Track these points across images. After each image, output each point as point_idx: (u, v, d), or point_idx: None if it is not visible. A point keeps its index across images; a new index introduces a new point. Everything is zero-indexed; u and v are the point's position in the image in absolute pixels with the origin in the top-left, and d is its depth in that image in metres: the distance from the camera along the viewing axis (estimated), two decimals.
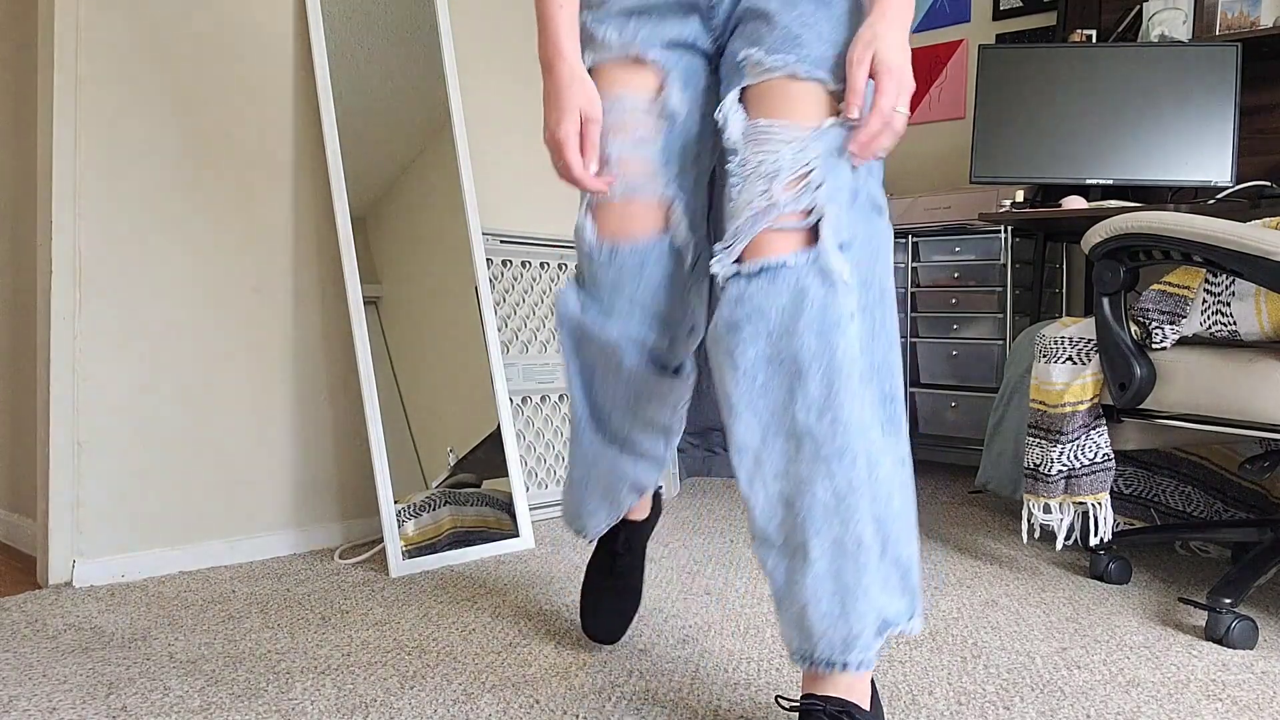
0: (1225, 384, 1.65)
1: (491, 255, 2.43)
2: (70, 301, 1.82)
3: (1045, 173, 2.88)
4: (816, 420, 1.04)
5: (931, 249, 3.15)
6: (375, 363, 2.03)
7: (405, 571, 1.93)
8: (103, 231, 1.85)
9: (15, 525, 2.14)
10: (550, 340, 2.55)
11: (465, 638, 1.56)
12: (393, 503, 1.97)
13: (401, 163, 2.19)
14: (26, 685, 1.34)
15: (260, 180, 2.07)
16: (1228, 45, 2.73)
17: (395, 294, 2.12)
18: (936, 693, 1.36)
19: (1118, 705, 1.32)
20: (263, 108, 2.07)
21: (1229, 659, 1.51)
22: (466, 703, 1.30)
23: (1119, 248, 1.73)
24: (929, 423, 3.15)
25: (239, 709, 1.27)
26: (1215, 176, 2.75)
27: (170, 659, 1.45)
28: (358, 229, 2.08)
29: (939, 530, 2.39)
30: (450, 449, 2.13)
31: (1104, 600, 1.82)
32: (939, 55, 3.64)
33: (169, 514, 1.94)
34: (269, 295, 2.08)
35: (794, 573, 1.07)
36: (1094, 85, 2.84)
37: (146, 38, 1.90)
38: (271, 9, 2.08)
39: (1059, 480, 1.88)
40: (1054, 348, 1.93)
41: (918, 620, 1.15)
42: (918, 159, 3.71)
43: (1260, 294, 1.65)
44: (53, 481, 1.81)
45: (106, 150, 1.86)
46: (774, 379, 1.05)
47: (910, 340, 3.20)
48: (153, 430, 1.92)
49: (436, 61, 2.29)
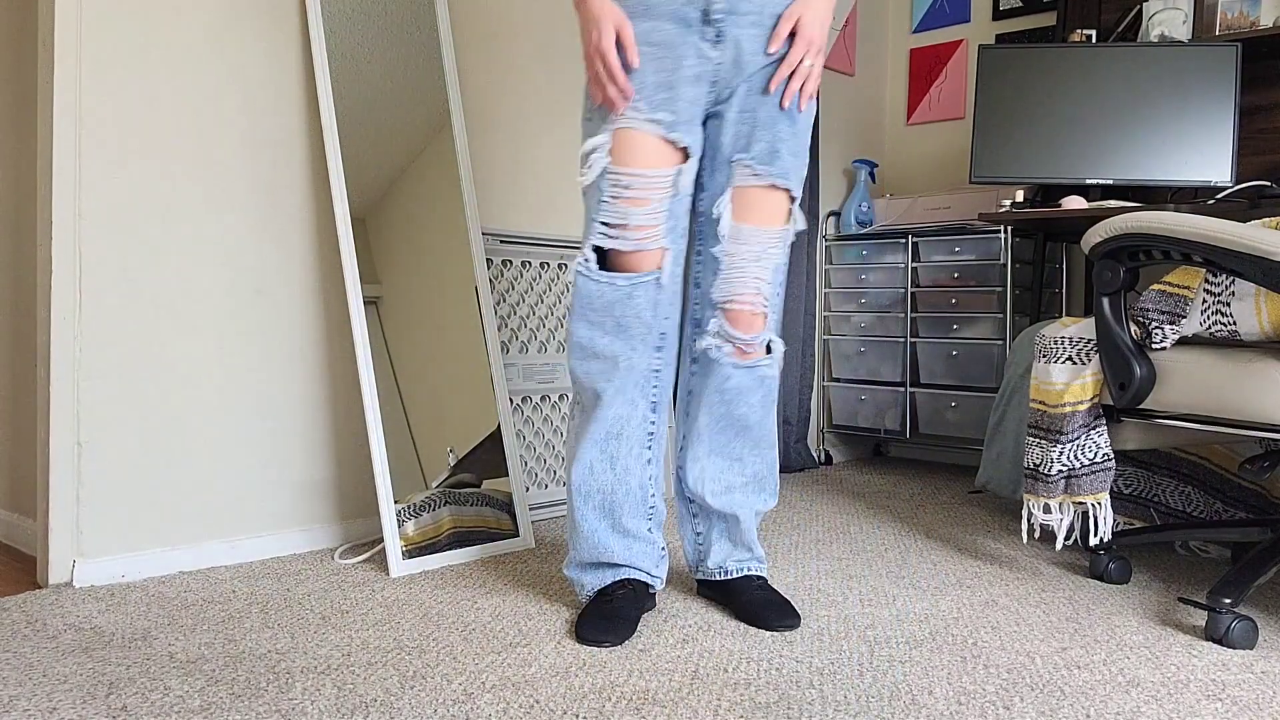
0: (1225, 384, 1.65)
1: (491, 255, 2.43)
2: (70, 301, 1.82)
3: (1045, 173, 2.88)
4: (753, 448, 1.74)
5: (931, 249, 3.15)
6: (375, 363, 2.03)
7: (405, 571, 1.93)
8: (103, 231, 1.85)
9: (15, 525, 2.14)
10: (550, 340, 2.55)
11: (465, 638, 1.56)
12: (393, 503, 1.97)
13: (401, 163, 2.19)
14: (27, 685, 1.34)
15: (260, 180, 2.07)
16: (1227, 45, 2.73)
17: (395, 294, 2.12)
18: (936, 693, 1.36)
19: (1117, 705, 1.32)
20: (263, 108, 2.07)
21: (1229, 659, 1.51)
22: (466, 702, 1.30)
23: (1119, 248, 1.73)
24: (929, 423, 3.15)
25: (239, 709, 1.27)
26: (1215, 176, 2.75)
27: (170, 659, 1.45)
28: (358, 229, 2.08)
29: (939, 530, 2.39)
30: (450, 449, 2.13)
31: (1104, 600, 1.82)
32: (939, 55, 3.64)
33: (169, 514, 1.94)
34: (270, 295, 2.08)
35: None
36: (1094, 85, 2.84)
37: (147, 37, 1.90)
38: (272, 9, 2.08)
39: (1059, 480, 1.88)
40: (1054, 348, 1.93)
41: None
42: (918, 159, 3.71)
43: (1260, 294, 1.65)
44: (53, 481, 1.81)
45: (107, 150, 1.86)
46: (729, 428, 1.71)
47: (910, 340, 3.20)
48: (153, 430, 1.92)
49: (436, 61, 2.29)
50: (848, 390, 3.37)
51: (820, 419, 3.48)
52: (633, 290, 1.56)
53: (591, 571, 1.66)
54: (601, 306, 1.57)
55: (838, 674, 1.42)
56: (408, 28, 2.25)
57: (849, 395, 3.36)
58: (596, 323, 1.58)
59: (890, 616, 1.70)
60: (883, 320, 3.28)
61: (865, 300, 3.32)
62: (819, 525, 2.44)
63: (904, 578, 1.95)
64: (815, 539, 2.28)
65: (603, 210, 1.56)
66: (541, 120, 2.62)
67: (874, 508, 2.67)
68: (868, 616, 1.70)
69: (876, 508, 2.67)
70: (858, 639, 1.58)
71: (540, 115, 2.61)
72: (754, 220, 1.61)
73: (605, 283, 1.56)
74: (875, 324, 3.30)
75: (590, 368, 1.60)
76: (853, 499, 2.80)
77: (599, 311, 1.57)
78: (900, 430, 3.22)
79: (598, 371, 1.60)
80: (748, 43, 1.56)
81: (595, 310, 1.58)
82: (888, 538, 2.30)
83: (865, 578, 1.95)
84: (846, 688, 1.37)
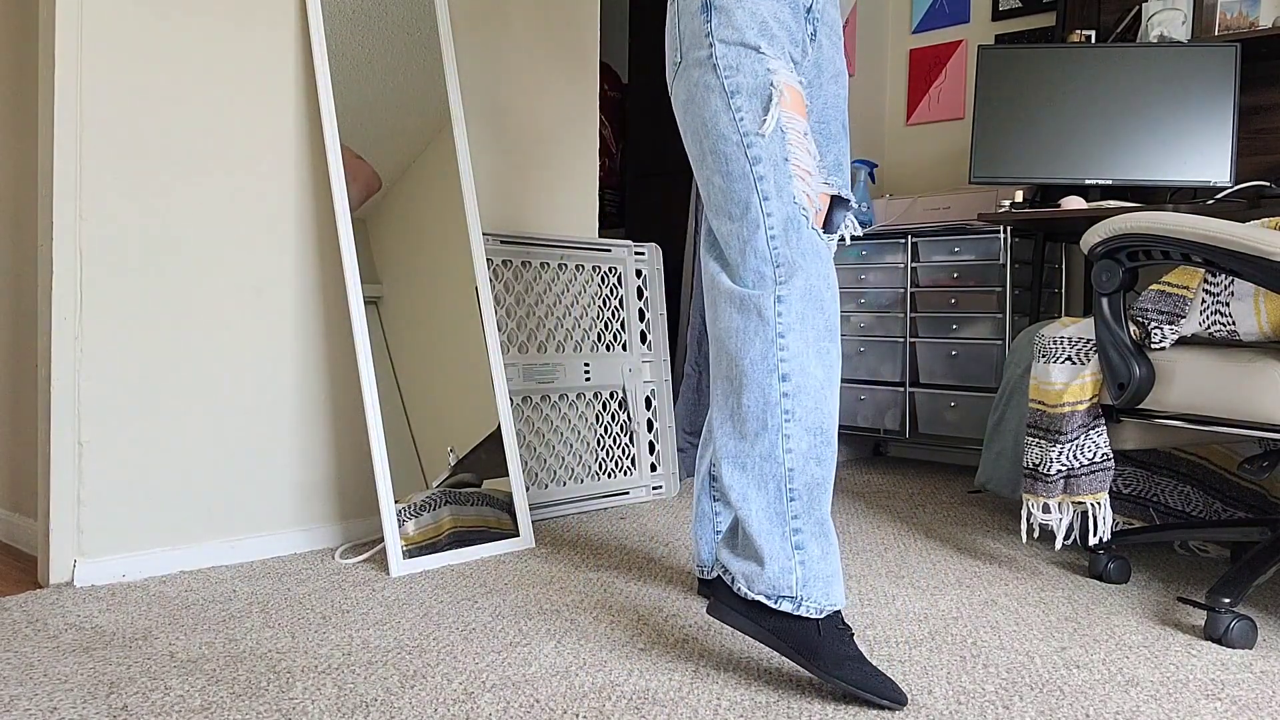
0: (1224, 384, 1.65)
1: (491, 255, 2.43)
2: (70, 301, 1.82)
3: (1044, 173, 2.88)
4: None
5: (931, 249, 3.15)
6: (375, 363, 2.03)
7: (405, 571, 1.93)
8: (103, 231, 1.86)
9: (16, 525, 2.14)
10: (550, 340, 2.55)
11: (465, 638, 1.56)
12: (393, 502, 1.97)
13: (401, 163, 2.19)
14: (27, 685, 1.34)
15: (261, 180, 2.07)
16: (1227, 46, 2.74)
17: (395, 294, 2.12)
18: (936, 692, 1.36)
19: (1117, 705, 1.32)
20: (263, 108, 2.07)
21: (1228, 658, 1.52)
22: (466, 702, 1.30)
23: (1118, 248, 1.73)
24: (928, 423, 3.15)
25: (239, 708, 1.27)
26: (1214, 177, 2.75)
27: (171, 658, 1.45)
28: (358, 229, 2.08)
29: (939, 530, 2.39)
30: (450, 449, 2.13)
31: (1103, 600, 1.82)
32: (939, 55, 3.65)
33: (170, 514, 1.94)
34: (270, 295, 2.08)
35: None
36: (1093, 85, 2.84)
37: (147, 37, 1.90)
38: (272, 9, 2.08)
39: (1058, 480, 1.88)
40: (1053, 348, 1.93)
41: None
42: (918, 159, 3.72)
43: (1259, 294, 1.66)
44: (54, 481, 1.81)
45: (107, 150, 1.86)
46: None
47: (910, 340, 3.20)
48: (153, 430, 1.92)
49: (436, 61, 2.30)
50: (847, 390, 3.37)
51: None
52: (829, 245, 1.50)
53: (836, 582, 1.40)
54: (828, 258, 1.41)
55: None
56: (408, 28, 2.25)
57: (849, 395, 3.37)
58: (826, 279, 1.39)
59: (890, 616, 1.70)
60: (882, 320, 3.28)
61: (865, 300, 3.32)
62: None
63: (903, 577, 1.95)
64: None
65: (793, 153, 1.40)
66: (542, 120, 2.62)
67: (873, 507, 2.67)
68: (867, 616, 1.70)
69: (876, 507, 2.67)
70: (857, 639, 1.58)
71: (541, 115, 2.61)
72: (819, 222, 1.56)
73: (824, 239, 1.43)
74: (875, 324, 3.30)
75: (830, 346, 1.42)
76: (852, 499, 2.80)
77: (828, 265, 1.40)
78: (900, 430, 3.22)
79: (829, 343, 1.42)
80: (826, 48, 1.57)
81: (827, 264, 1.40)
82: (887, 537, 2.31)
83: (864, 577, 1.95)
84: None
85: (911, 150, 3.73)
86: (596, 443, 2.64)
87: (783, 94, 1.40)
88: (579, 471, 2.59)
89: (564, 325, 2.59)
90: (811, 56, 1.56)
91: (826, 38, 1.58)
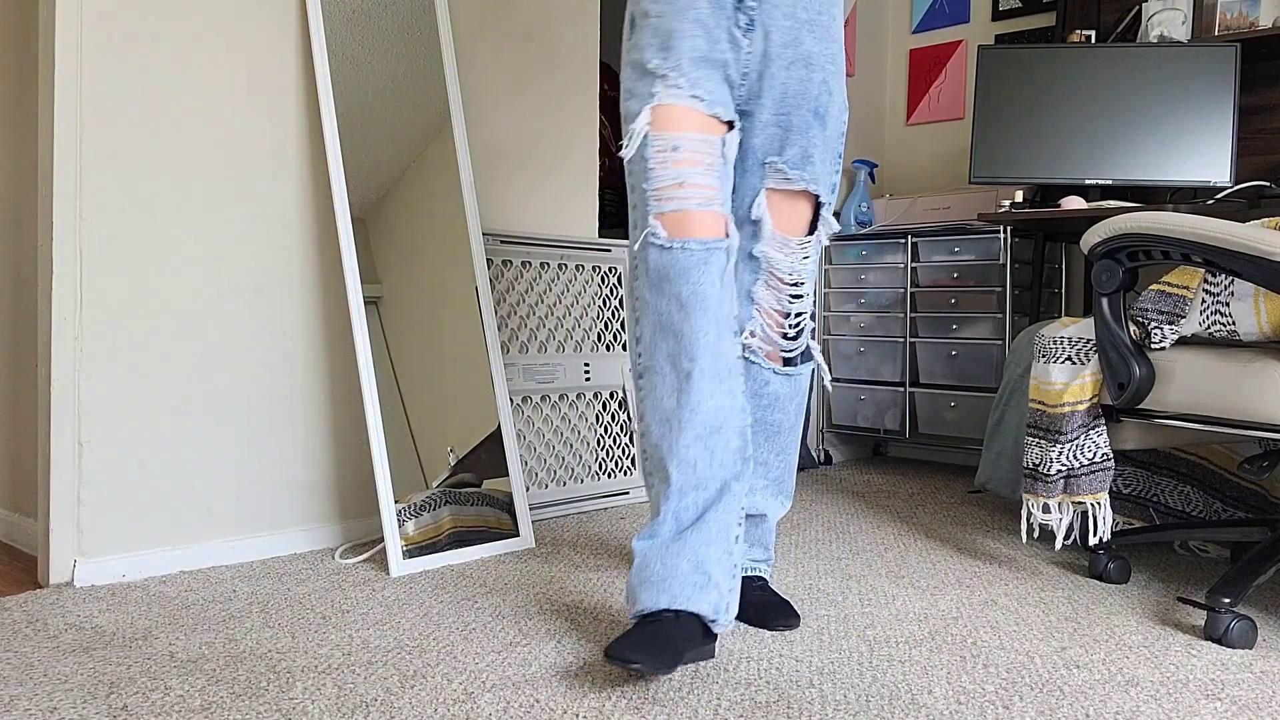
0: (1224, 384, 1.65)
1: (491, 255, 2.43)
2: (70, 301, 1.82)
3: (1044, 173, 2.88)
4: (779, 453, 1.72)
5: (931, 249, 3.15)
6: (375, 363, 2.03)
7: (405, 571, 1.93)
8: (103, 232, 1.86)
9: (16, 525, 2.14)
10: (550, 340, 2.55)
11: (465, 638, 1.56)
12: (393, 502, 1.97)
13: (401, 163, 2.19)
14: (27, 685, 1.34)
15: (261, 180, 2.07)
16: (1226, 46, 2.74)
17: (395, 294, 2.12)
18: (936, 692, 1.36)
19: (1117, 704, 1.32)
20: (263, 108, 2.07)
21: (1228, 658, 1.52)
22: (466, 702, 1.30)
23: (1118, 248, 1.73)
24: (928, 423, 3.15)
25: (239, 708, 1.27)
26: (1214, 177, 2.75)
27: (171, 658, 1.45)
28: (358, 229, 2.08)
29: (938, 530, 2.39)
30: (450, 449, 2.13)
31: (1103, 600, 1.82)
32: (939, 55, 3.65)
33: (169, 514, 1.94)
34: (270, 296, 2.08)
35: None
36: (1093, 85, 2.84)
37: (147, 37, 1.90)
38: (272, 9, 2.08)
39: (1058, 480, 1.88)
40: (1053, 348, 1.93)
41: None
42: (917, 159, 3.72)
43: (1259, 294, 1.66)
44: (54, 481, 1.81)
45: (107, 150, 1.86)
46: (759, 433, 1.69)
47: (910, 340, 3.20)
48: (153, 430, 1.92)
49: (436, 61, 2.30)
50: (847, 390, 3.37)
51: (820, 419, 3.48)
52: (708, 255, 1.43)
53: None
54: (676, 275, 1.43)
55: (837, 673, 1.42)
56: (408, 28, 2.25)
57: (849, 395, 3.37)
58: (671, 295, 1.43)
59: (890, 616, 1.70)
60: (882, 320, 3.28)
61: (865, 300, 3.32)
62: (819, 525, 2.44)
63: (903, 577, 1.95)
64: (815, 538, 2.28)
65: (651, 177, 1.45)
66: (542, 120, 2.62)
67: (873, 507, 2.67)
68: (867, 616, 1.70)
69: (876, 507, 2.67)
70: (857, 639, 1.58)
71: (540, 115, 2.61)
72: (782, 227, 1.58)
73: (678, 248, 1.43)
74: (875, 324, 3.30)
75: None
76: (852, 499, 2.80)
77: (673, 282, 1.43)
78: (900, 430, 3.22)
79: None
80: (777, 34, 1.51)
81: (669, 281, 1.43)
82: (887, 537, 2.31)
83: (864, 577, 1.95)
84: (846, 687, 1.37)
85: (911, 150, 3.73)
86: (596, 443, 2.64)
87: (649, 116, 1.46)
88: (579, 471, 2.59)
89: (564, 325, 2.59)
90: (751, 47, 1.52)
91: (777, 25, 1.51)
